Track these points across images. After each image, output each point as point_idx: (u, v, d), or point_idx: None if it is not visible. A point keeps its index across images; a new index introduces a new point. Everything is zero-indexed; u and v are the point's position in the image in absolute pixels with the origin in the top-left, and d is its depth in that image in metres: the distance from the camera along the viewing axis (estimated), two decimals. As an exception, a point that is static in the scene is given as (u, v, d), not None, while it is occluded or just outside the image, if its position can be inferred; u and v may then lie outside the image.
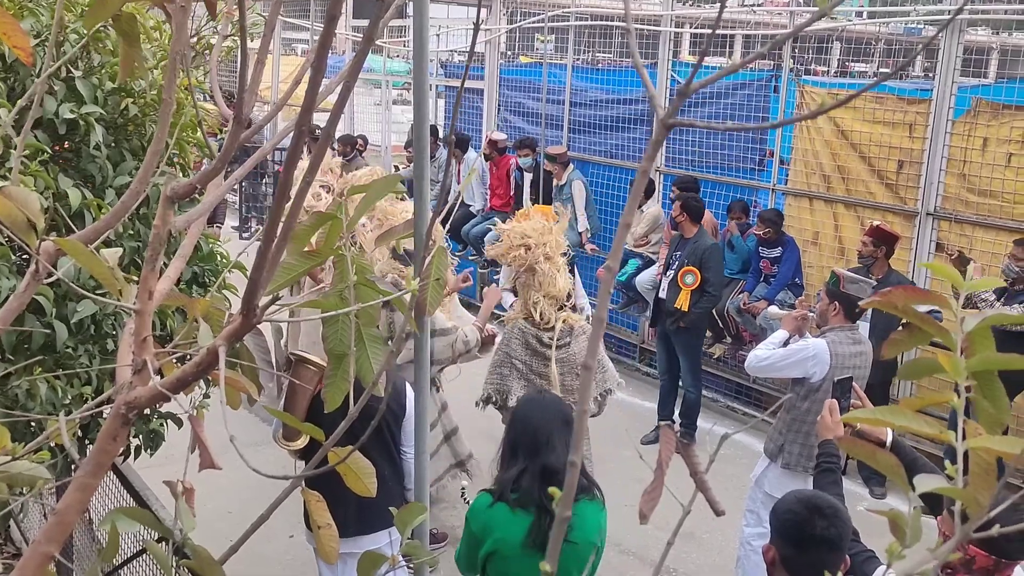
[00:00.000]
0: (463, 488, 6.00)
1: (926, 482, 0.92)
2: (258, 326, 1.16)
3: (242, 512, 5.51)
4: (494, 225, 10.51)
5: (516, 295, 5.42)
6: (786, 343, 5.09)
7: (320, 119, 7.73)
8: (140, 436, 3.44)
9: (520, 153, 10.09)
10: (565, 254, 5.37)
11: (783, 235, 7.87)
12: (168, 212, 1.16)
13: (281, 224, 1.05)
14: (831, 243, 8.01)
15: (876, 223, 6.92)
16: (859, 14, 11.77)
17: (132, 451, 3.46)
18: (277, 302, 1.16)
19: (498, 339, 5.36)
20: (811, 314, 5.22)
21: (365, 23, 13.79)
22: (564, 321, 5.15)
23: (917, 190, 7.31)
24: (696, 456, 1.08)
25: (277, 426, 4.07)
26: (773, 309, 6.81)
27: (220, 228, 10.11)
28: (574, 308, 5.53)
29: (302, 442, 3.95)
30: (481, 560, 3.27)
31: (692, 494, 0.98)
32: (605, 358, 5.50)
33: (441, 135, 11.59)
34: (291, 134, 1.04)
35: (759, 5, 9.55)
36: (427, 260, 1.31)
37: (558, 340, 5.07)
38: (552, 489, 0.92)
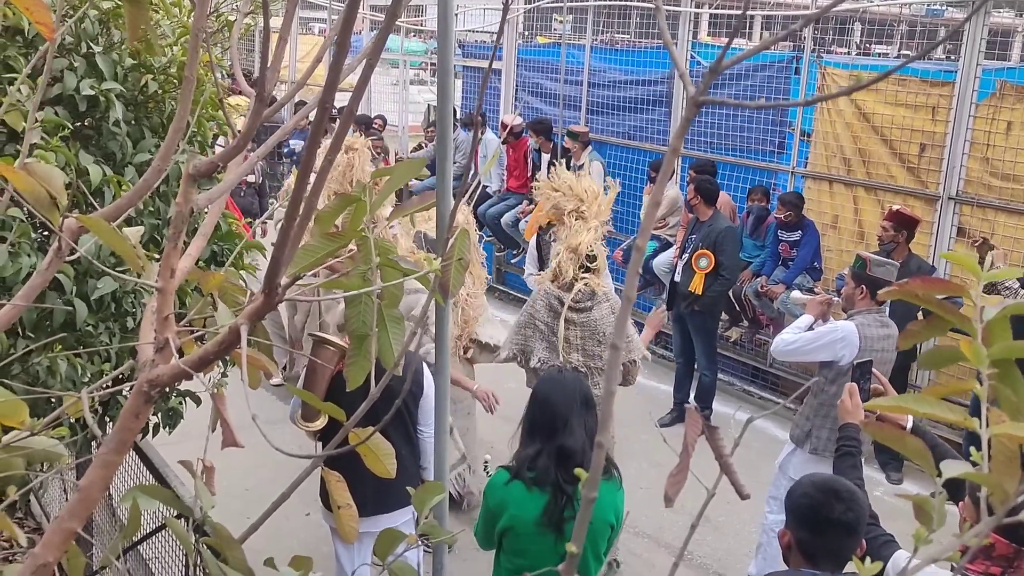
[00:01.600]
0: (486, 462, 6.04)
1: (952, 467, 0.91)
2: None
3: (258, 490, 5.55)
4: (511, 207, 10.35)
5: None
6: (810, 328, 5.05)
7: (339, 99, 7.75)
8: (159, 414, 3.47)
9: (534, 137, 10.04)
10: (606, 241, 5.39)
11: (803, 218, 7.79)
12: (190, 190, 1.15)
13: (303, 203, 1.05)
14: (851, 227, 7.93)
15: (896, 207, 6.84)
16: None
17: (151, 428, 3.48)
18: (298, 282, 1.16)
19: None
20: (835, 299, 5.17)
21: (382, 2, 13.74)
22: (586, 284, 5.07)
23: (939, 174, 7.22)
24: (721, 440, 1.08)
25: (295, 406, 4.07)
26: (796, 294, 6.74)
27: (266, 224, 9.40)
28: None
29: (321, 423, 3.95)
30: (497, 535, 3.33)
31: (717, 478, 0.97)
32: (630, 327, 5.42)
33: (458, 116, 11.55)
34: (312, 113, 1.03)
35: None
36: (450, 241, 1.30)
37: (577, 301, 5.01)
38: (578, 471, 0.91)
